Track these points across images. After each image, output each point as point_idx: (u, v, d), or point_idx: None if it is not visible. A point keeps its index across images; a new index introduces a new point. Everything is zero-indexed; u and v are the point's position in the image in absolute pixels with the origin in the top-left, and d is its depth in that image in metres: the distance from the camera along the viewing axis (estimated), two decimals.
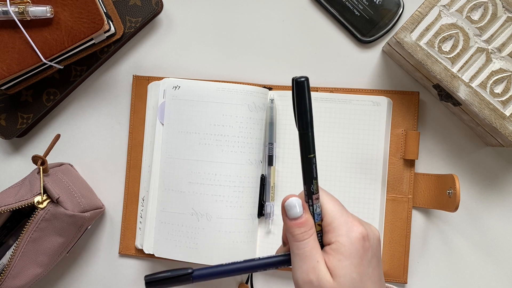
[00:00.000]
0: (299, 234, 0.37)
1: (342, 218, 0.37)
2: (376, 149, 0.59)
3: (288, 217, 0.37)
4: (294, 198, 0.37)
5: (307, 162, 0.37)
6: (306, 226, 0.37)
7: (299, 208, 0.37)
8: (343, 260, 0.35)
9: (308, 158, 0.36)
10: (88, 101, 0.65)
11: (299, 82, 0.34)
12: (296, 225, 0.37)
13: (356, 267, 0.35)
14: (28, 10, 0.53)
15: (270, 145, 0.61)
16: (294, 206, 0.37)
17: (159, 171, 0.61)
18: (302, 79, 0.34)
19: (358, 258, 0.36)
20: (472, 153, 0.61)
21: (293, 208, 0.37)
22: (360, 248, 0.36)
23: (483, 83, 0.53)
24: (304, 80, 0.34)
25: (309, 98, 0.35)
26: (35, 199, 0.54)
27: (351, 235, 0.36)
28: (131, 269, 0.64)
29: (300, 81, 0.34)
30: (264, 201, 0.61)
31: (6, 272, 0.53)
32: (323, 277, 0.35)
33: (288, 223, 0.37)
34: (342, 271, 0.35)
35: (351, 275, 0.35)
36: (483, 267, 0.60)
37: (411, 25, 0.53)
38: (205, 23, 0.64)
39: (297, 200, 0.37)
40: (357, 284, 0.35)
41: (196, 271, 0.37)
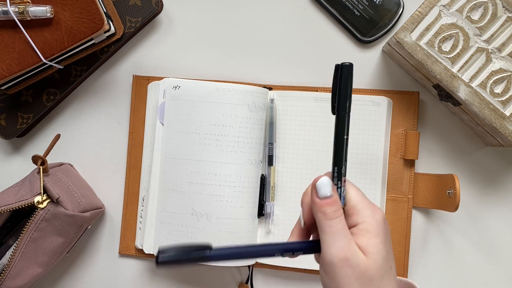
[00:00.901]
0: (331, 212, 0.37)
1: (366, 202, 0.39)
2: (376, 149, 0.59)
3: (319, 196, 0.38)
4: (326, 178, 0.38)
5: (341, 143, 0.39)
6: (337, 205, 0.38)
7: (330, 188, 0.38)
8: (373, 238, 0.37)
9: (344, 139, 0.39)
10: (88, 101, 0.65)
11: (345, 66, 0.37)
12: (328, 204, 0.38)
13: (385, 245, 0.37)
14: (28, 10, 0.53)
15: (270, 145, 0.61)
16: (326, 185, 0.38)
17: (159, 171, 0.61)
18: (347, 63, 0.38)
19: (384, 237, 0.37)
20: (472, 153, 0.61)
21: (325, 187, 0.38)
22: (384, 229, 0.38)
23: (483, 83, 0.53)
24: (349, 64, 0.38)
25: (351, 83, 0.38)
26: (35, 199, 0.54)
27: (376, 216, 0.38)
28: (131, 269, 0.64)
29: (346, 65, 0.37)
30: (264, 201, 0.61)
31: (6, 272, 0.53)
32: (357, 254, 0.36)
33: (319, 202, 0.38)
34: (374, 248, 0.36)
35: (382, 252, 0.37)
36: (483, 267, 0.60)
37: (411, 25, 0.53)
38: (205, 23, 0.64)
39: (328, 180, 0.38)
40: (386, 261, 0.37)
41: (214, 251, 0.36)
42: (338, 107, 0.38)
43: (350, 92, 0.38)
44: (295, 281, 0.62)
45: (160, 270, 0.64)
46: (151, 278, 0.64)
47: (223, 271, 0.63)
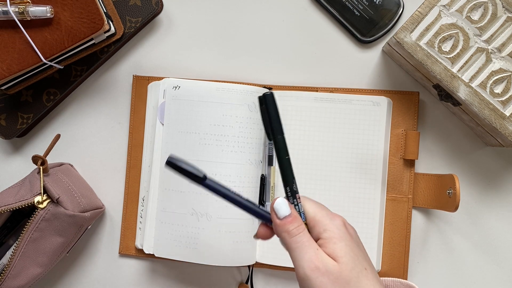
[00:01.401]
0: (293, 229, 0.39)
1: (323, 211, 0.40)
2: (376, 149, 0.59)
3: (279, 218, 0.40)
4: (280, 198, 0.40)
5: (286, 163, 0.41)
6: (297, 221, 0.40)
7: (286, 207, 0.40)
8: (337, 243, 0.38)
9: (286, 159, 0.41)
10: (88, 101, 0.65)
11: (267, 96, 0.40)
12: (289, 222, 0.39)
13: (351, 247, 0.38)
14: (28, 10, 0.53)
15: (270, 145, 0.61)
16: (283, 205, 0.40)
17: (159, 171, 0.61)
18: (268, 92, 0.40)
19: (349, 240, 0.39)
20: (472, 153, 0.61)
21: (282, 207, 0.40)
22: (346, 232, 0.39)
23: (483, 83, 0.53)
24: (271, 93, 0.40)
25: (277, 108, 0.41)
26: (35, 199, 0.54)
27: (335, 222, 0.40)
28: (131, 269, 0.64)
29: (268, 94, 0.40)
30: (264, 201, 0.61)
31: (6, 272, 0.53)
32: (327, 261, 0.37)
33: (280, 222, 0.40)
34: (341, 252, 0.38)
35: (349, 254, 0.38)
36: (483, 267, 0.60)
37: (411, 25, 0.53)
38: (205, 23, 0.64)
39: (282, 200, 0.40)
40: (356, 262, 0.38)
41: (208, 181, 0.40)
42: (273, 132, 0.40)
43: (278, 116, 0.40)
44: (295, 281, 0.62)
45: (160, 270, 0.64)
46: (151, 278, 0.64)
47: (223, 271, 0.63)
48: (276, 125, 0.40)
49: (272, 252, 0.60)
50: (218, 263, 0.58)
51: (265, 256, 0.60)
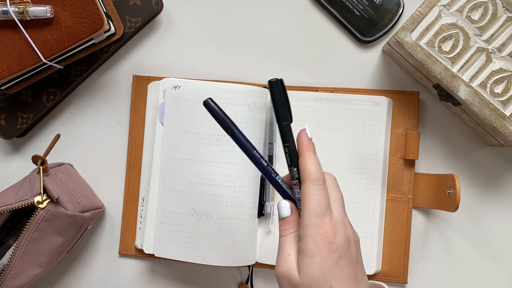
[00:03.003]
0: (282, 230, 0.41)
1: (316, 220, 0.38)
2: (376, 149, 0.59)
3: (279, 217, 0.42)
4: (284, 201, 0.42)
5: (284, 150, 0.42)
6: (289, 224, 0.41)
7: (286, 209, 0.42)
8: (305, 259, 0.38)
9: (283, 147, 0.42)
10: (88, 101, 0.65)
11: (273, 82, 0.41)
12: (281, 224, 0.42)
13: (319, 266, 0.38)
14: (28, 10, 0.53)
15: (270, 145, 0.61)
16: (282, 207, 0.42)
17: (159, 171, 0.61)
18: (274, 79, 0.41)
19: (322, 258, 0.38)
20: (472, 153, 0.61)
21: (281, 209, 0.42)
22: (325, 249, 0.38)
23: (483, 83, 0.53)
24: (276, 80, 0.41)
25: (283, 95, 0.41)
26: (35, 199, 0.54)
27: (317, 237, 0.38)
28: (131, 269, 0.64)
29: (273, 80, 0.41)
30: (264, 201, 0.61)
31: (6, 272, 0.53)
32: (290, 270, 0.39)
33: (279, 221, 0.42)
34: (304, 269, 0.38)
35: (313, 273, 0.38)
36: (483, 267, 0.60)
37: (411, 25, 0.53)
38: (205, 23, 0.64)
39: (286, 203, 0.42)
40: (320, 282, 0.37)
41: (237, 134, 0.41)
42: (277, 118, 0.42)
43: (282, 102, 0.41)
44: None
45: (160, 270, 0.64)
46: (151, 278, 0.64)
47: (223, 271, 0.63)
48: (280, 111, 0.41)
49: (272, 252, 0.60)
50: (218, 263, 0.58)
51: (265, 256, 0.60)
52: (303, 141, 0.41)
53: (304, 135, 0.41)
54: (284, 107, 0.41)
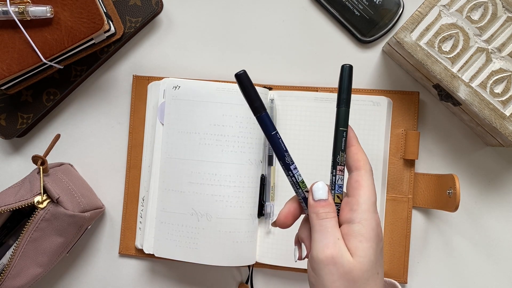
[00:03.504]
0: (323, 212, 0.39)
1: (372, 207, 0.39)
2: (376, 149, 0.59)
3: (314, 199, 0.40)
4: (321, 183, 0.40)
5: (339, 134, 0.41)
6: (330, 207, 0.40)
7: (324, 192, 0.40)
8: (364, 242, 0.37)
9: (340, 131, 0.41)
10: (88, 101, 0.65)
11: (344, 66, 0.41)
12: (321, 206, 0.40)
13: (375, 250, 0.38)
14: (28, 10, 0.53)
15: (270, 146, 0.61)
16: (320, 189, 0.40)
17: (159, 171, 0.61)
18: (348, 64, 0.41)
19: (376, 243, 0.38)
20: (472, 153, 0.61)
21: (320, 190, 0.40)
22: (378, 235, 0.38)
23: (483, 83, 0.53)
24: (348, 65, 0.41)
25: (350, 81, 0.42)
26: (35, 199, 0.54)
27: (373, 222, 0.38)
28: (131, 269, 0.64)
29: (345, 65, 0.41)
30: (264, 201, 0.61)
31: (6, 272, 0.53)
32: (343, 254, 0.37)
33: (313, 203, 0.40)
34: (363, 252, 0.37)
35: (370, 257, 0.37)
36: (483, 267, 0.60)
37: (411, 25, 0.53)
38: (205, 23, 0.64)
39: (323, 184, 0.40)
40: (373, 266, 0.38)
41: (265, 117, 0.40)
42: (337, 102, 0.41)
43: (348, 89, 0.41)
44: (295, 281, 0.62)
45: (160, 270, 0.64)
46: (151, 278, 0.64)
47: (223, 271, 0.63)
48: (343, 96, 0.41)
49: (272, 252, 0.60)
50: (218, 263, 0.58)
51: (265, 256, 0.60)
52: (353, 133, 0.42)
53: (350, 127, 0.42)
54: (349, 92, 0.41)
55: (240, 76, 0.39)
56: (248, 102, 0.40)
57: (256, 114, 0.40)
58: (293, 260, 0.44)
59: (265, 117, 0.40)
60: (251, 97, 0.39)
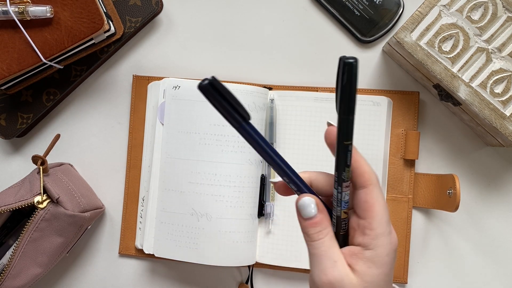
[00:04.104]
0: (313, 234, 0.35)
1: (387, 228, 0.35)
2: (376, 149, 0.59)
3: (302, 217, 0.36)
4: (307, 198, 0.36)
5: (343, 148, 0.35)
6: (321, 225, 0.35)
7: (313, 207, 0.35)
8: (374, 268, 0.34)
9: (344, 145, 0.35)
10: (88, 101, 0.65)
11: (348, 64, 0.31)
12: (310, 225, 0.35)
13: (385, 275, 0.35)
14: (28, 10, 0.53)
15: None
16: (307, 205, 0.35)
17: (159, 171, 0.61)
18: (352, 60, 0.31)
19: (389, 269, 0.35)
20: (472, 153, 0.61)
21: (307, 208, 0.35)
22: (392, 260, 0.35)
23: (483, 83, 0.53)
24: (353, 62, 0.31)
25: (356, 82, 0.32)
26: (35, 199, 0.54)
27: (389, 247, 0.35)
28: (131, 269, 0.64)
29: (349, 62, 0.31)
30: (264, 201, 0.61)
31: (6, 272, 0.53)
32: (343, 277, 0.34)
33: (303, 223, 0.36)
34: (371, 278, 0.34)
35: (378, 283, 0.34)
36: (483, 267, 0.60)
37: (411, 25, 0.53)
38: (205, 23, 0.64)
39: (310, 199, 0.36)
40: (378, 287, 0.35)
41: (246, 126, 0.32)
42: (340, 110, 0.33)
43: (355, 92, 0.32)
44: (295, 281, 0.62)
45: (160, 270, 0.64)
46: (151, 278, 0.64)
47: (223, 271, 0.63)
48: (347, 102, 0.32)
49: (272, 252, 0.60)
50: (218, 263, 0.58)
51: (265, 256, 0.60)
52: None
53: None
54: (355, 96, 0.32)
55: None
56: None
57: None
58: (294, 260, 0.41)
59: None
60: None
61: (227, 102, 0.31)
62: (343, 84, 0.32)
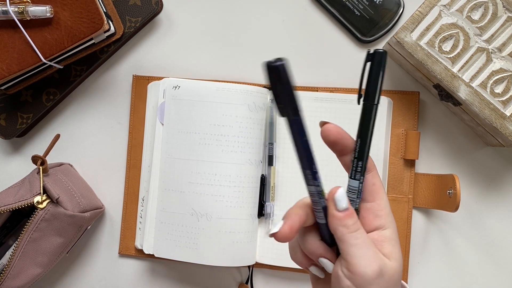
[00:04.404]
0: (352, 224, 0.36)
1: (389, 208, 0.38)
2: (377, 149, 0.59)
3: (338, 209, 0.36)
4: (342, 189, 0.37)
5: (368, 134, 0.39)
6: (355, 216, 0.36)
7: (346, 200, 0.36)
8: (396, 245, 0.38)
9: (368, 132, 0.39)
10: (88, 101, 0.65)
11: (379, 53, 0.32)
12: (349, 216, 0.36)
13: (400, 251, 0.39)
14: (28, 10, 0.53)
15: (270, 145, 0.61)
16: (344, 197, 0.36)
17: (159, 171, 0.61)
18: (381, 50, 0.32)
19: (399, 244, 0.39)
20: (473, 153, 0.61)
21: (343, 199, 0.36)
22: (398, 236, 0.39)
23: (483, 83, 0.53)
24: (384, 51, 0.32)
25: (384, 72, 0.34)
26: (34, 199, 0.53)
27: (395, 225, 0.38)
28: (131, 269, 0.64)
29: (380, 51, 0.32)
30: (264, 201, 0.60)
31: (6, 272, 0.53)
32: (385, 262, 0.37)
33: (339, 215, 0.36)
34: (397, 254, 0.37)
35: (401, 257, 0.38)
36: (483, 267, 0.60)
37: (412, 25, 0.53)
38: (205, 23, 0.64)
39: (344, 192, 0.37)
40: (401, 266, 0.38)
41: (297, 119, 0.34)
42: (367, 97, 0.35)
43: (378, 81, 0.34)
44: (295, 281, 0.62)
45: (160, 270, 0.64)
46: (151, 278, 0.64)
47: (223, 271, 0.63)
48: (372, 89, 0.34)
49: (272, 252, 0.60)
50: (218, 263, 0.58)
51: (265, 256, 0.60)
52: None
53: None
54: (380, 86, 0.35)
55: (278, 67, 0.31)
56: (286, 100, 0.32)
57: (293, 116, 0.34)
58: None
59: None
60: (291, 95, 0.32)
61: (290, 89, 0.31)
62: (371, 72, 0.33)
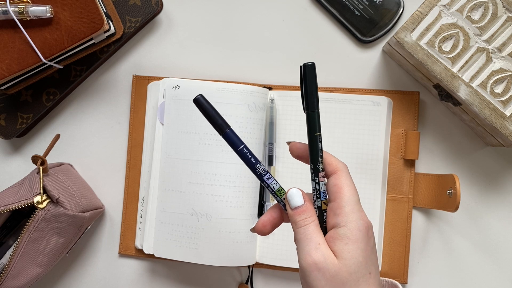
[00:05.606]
0: (300, 220, 0.39)
1: (356, 206, 0.39)
2: (376, 149, 0.59)
3: (290, 207, 0.40)
4: (294, 189, 0.40)
5: (314, 140, 0.41)
6: (307, 213, 0.39)
7: (299, 198, 0.40)
8: (350, 244, 0.37)
9: (314, 136, 0.41)
10: (88, 101, 0.65)
11: (307, 66, 0.39)
12: (298, 213, 0.39)
13: (362, 251, 0.38)
14: (28, 10, 0.53)
15: (270, 145, 0.61)
16: (295, 196, 0.40)
17: (159, 171, 0.61)
18: (310, 63, 0.39)
19: (364, 243, 0.38)
20: (472, 153, 0.61)
21: (294, 198, 0.40)
22: (365, 235, 0.38)
23: (483, 83, 0.53)
24: (312, 64, 0.39)
25: (316, 81, 0.39)
26: (34, 199, 0.53)
27: (360, 223, 0.38)
28: (131, 269, 0.64)
29: (309, 65, 0.39)
30: (264, 201, 0.60)
31: (6, 272, 0.53)
32: (326, 258, 0.37)
33: (291, 212, 0.40)
34: (349, 254, 0.37)
35: (357, 258, 0.37)
36: (483, 267, 0.60)
37: (412, 25, 0.53)
38: (205, 23, 0.64)
39: (297, 190, 0.40)
40: (362, 267, 0.37)
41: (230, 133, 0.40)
42: (306, 106, 0.40)
43: (316, 90, 0.40)
44: (295, 281, 0.62)
45: (160, 270, 0.64)
46: (151, 278, 0.64)
47: (223, 271, 0.63)
48: (311, 99, 0.40)
49: (272, 252, 0.60)
50: (218, 263, 0.58)
51: (265, 256, 0.60)
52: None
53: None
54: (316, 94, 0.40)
55: (198, 100, 0.40)
56: (210, 123, 0.40)
57: (221, 133, 0.40)
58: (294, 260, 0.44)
59: (231, 134, 0.40)
60: (213, 118, 0.40)
61: (215, 112, 0.40)
62: (306, 84, 0.39)
